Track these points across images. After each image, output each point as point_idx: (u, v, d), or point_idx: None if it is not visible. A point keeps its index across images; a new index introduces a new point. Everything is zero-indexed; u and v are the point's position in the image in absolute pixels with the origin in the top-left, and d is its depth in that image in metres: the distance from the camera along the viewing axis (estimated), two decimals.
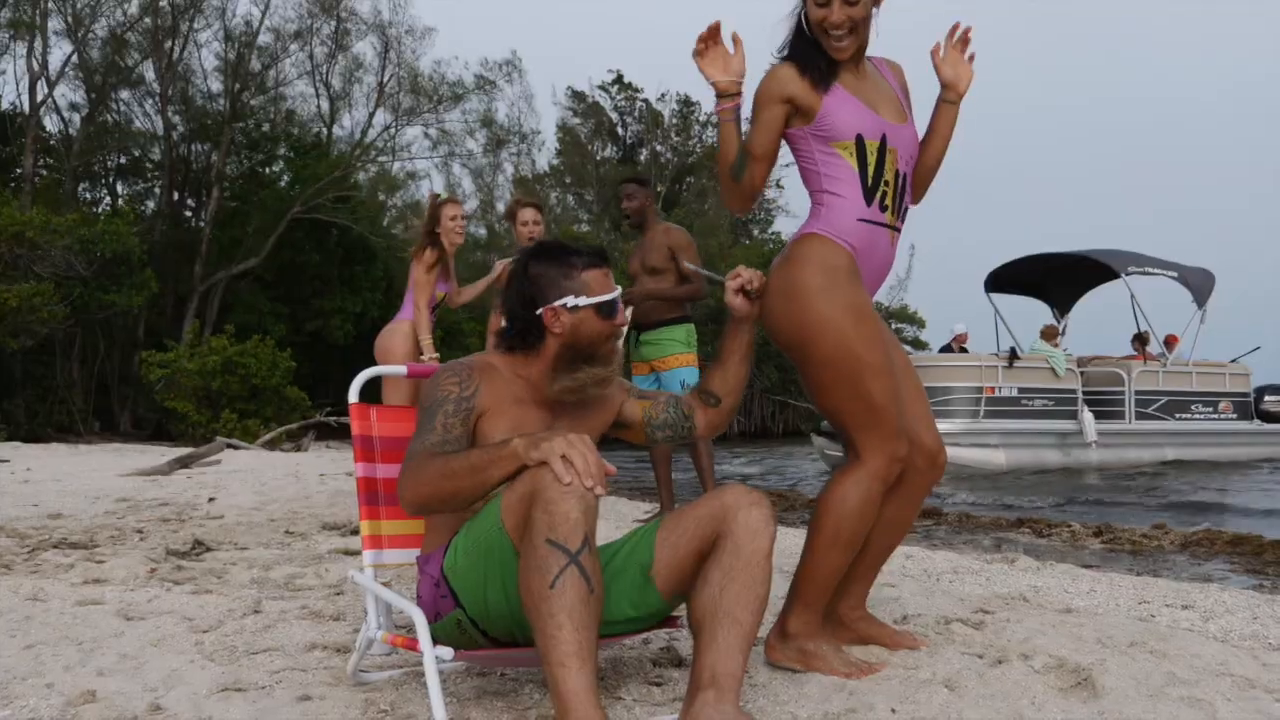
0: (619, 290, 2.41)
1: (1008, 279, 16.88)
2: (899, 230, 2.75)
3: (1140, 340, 16.41)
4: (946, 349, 16.68)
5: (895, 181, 2.68)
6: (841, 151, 2.66)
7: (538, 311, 2.34)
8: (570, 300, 2.33)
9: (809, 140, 2.69)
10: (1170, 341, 16.21)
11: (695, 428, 2.60)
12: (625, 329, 2.41)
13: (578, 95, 36.24)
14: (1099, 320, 22.75)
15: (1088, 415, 14.50)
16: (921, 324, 38.69)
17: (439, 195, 6.18)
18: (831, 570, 2.64)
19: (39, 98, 23.90)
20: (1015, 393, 14.29)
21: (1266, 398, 16.97)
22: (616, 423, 2.55)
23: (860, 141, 2.65)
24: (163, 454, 12.73)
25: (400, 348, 5.80)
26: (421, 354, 5.78)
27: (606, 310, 2.36)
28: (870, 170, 2.66)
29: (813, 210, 2.72)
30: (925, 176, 2.87)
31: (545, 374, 2.36)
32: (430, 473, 2.12)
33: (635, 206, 6.13)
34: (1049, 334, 15.63)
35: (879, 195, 2.67)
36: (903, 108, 2.79)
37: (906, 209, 2.79)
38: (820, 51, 2.66)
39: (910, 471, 2.76)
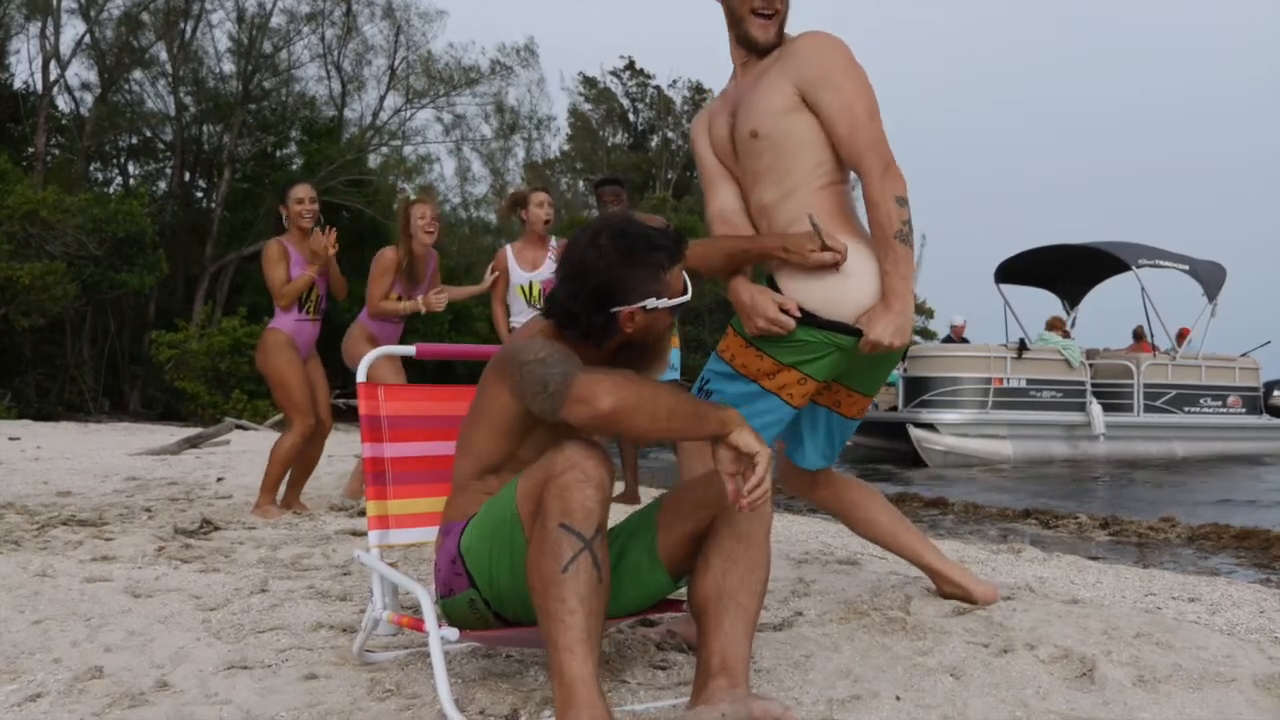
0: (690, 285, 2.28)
1: (1018, 270, 16.83)
2: None
3: (1138, 335, 16.38)
4: (947, 340, 16.68)
5: None
6: None
7: (613, 310, 2.18)
8: (651, 302, 2.18)
9: None
10: (1182, 334, 16.15)
11: None
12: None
13: (589, 81, 36.17)
14: (1108, 313, 22.69)
15: (1096, 408, 14.46)
16: (930, 314, 38.63)
17: (409, 196, 6.14)
18: None
19: (52, 77, 23.93)
20: (1024, 384, 14.26)
21: (1276, 392, 16.93)
22: None
23: None
24: (172, 434, 12.78)
25: (365, 350, 5.69)
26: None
27: (680, 310, 2.27)
28: None
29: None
30: None
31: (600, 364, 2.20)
32: (661, 404, 2.00)
33: (621, 209, 6.11)
34: (1055, 325, 15.57)
35: None
36: None
37: None
38: None
39: None
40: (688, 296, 2.25)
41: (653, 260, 2.18)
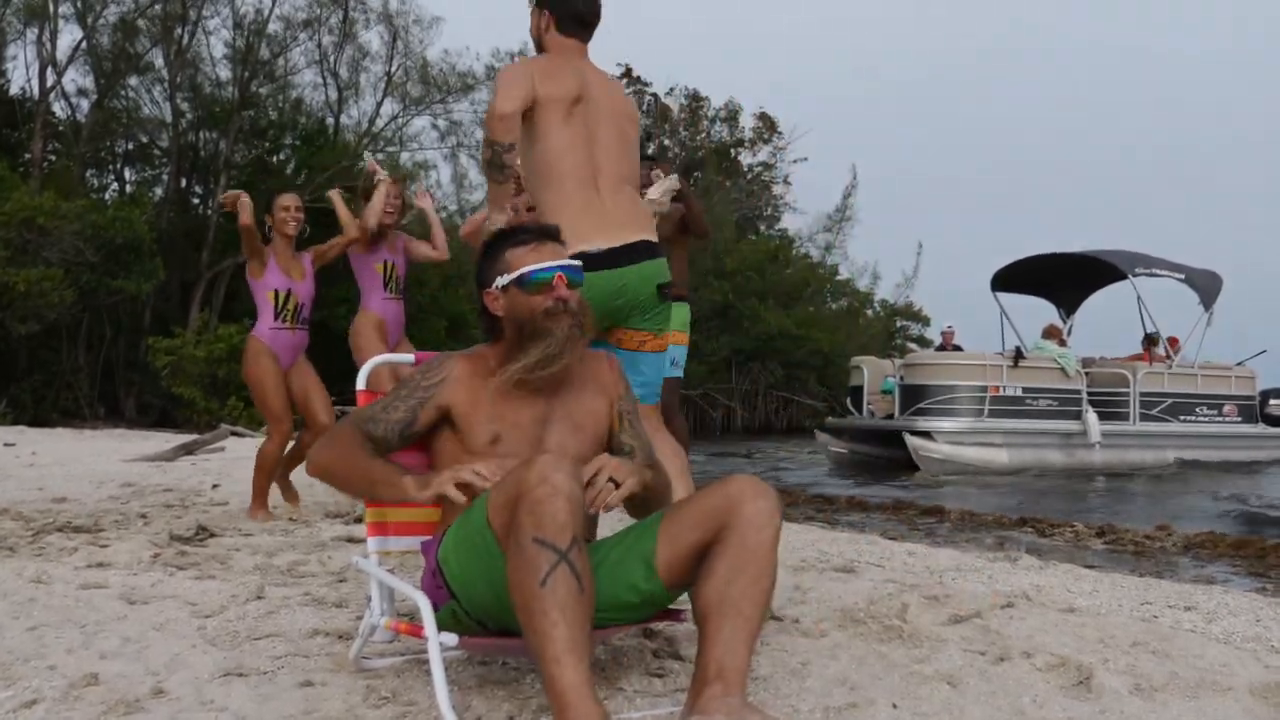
0: (550, 264, 2.35)
1: (1014, 278, 16.84)
2: None
3: (1150, 341, 16.38)
4: (940, 349, 16.73)
5: None
6: None
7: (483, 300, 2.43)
8: (498, 280, 2.37)
9: None
10: (1171, 343, 16.17)
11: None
12: (572, 302, 2.36)
13: None
14: (1104, 321, 22.63)
15: (1092, 416, 14.47)
16: (926, 321, 38.69)
17: (381, 177, 6.20)
18: None
19: (48, 83, 23.95)
20: (1020, 392, 14.28)
21: (1271, 401, 16.93)
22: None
23: None
24: (167, 440, 12.75)
25: (372, 340, 5.83)
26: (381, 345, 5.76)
27: (528, 283, 2.34)
28: None
29: None
30: None
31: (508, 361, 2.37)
32: (338, 454, 2.36)
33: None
34: (1052, 333, 15.61)
35: None
36: None
37: None
38: None
39: None
40: (528, 268, 2.35)
41: (495, 247, 2.44)
